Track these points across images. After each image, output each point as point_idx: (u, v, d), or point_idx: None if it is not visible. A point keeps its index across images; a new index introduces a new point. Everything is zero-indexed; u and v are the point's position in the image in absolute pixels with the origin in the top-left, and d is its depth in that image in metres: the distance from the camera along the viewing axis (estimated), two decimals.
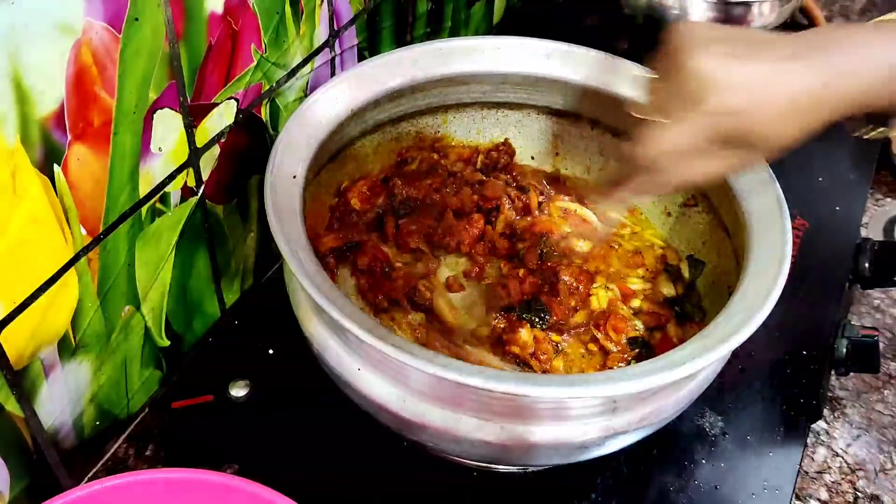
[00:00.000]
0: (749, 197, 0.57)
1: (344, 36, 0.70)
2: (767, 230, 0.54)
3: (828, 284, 0.72)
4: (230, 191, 0.63)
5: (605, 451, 0.52)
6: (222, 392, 0.60)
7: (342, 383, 0.52)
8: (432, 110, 0.71)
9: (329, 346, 0.51)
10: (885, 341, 0.74)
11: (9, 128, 0.41)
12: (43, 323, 0.48)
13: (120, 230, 0.52)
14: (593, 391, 0.45)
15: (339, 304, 0.46)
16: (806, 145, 0.48)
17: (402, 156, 0.72)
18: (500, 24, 1.04)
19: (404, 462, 0.57)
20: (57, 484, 0.56)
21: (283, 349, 0.63)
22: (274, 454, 0.57)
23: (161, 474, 0.45)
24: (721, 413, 0.62)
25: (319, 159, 0.60)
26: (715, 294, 0.62)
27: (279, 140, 0.56)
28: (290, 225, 0.51)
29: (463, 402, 0.48)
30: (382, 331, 0.45)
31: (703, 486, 0.58)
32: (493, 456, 0.53)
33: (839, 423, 0.68)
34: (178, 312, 0.62)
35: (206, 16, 0.53)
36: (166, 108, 0.52)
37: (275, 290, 0.58)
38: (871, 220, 0.84)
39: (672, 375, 0.45)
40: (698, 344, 0.47)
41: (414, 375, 0.48)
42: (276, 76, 0.63)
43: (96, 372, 0.55)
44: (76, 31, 0.43)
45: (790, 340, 0.67)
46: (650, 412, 0.49)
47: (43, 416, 0.52)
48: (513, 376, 0.46)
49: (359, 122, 0.65)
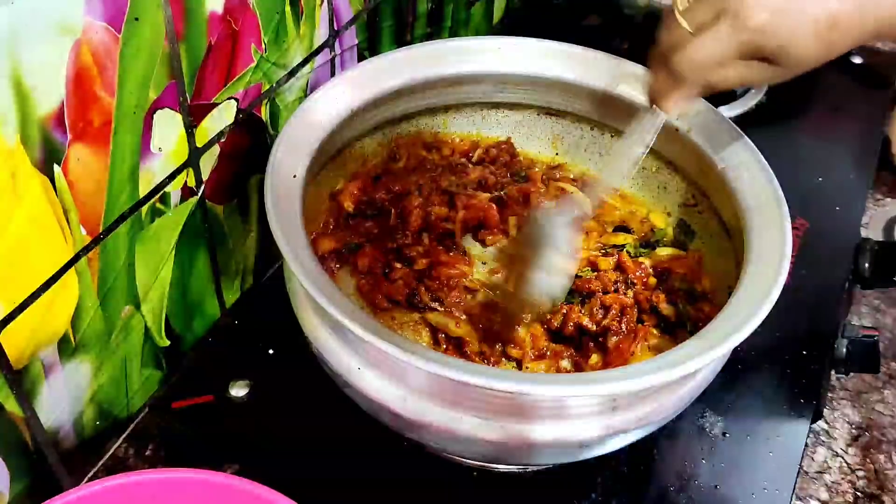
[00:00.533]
0: (749, 196, 0.57)
1: (344, 36, 0.70)
2: (767, 230, 0.54)
3: (828, 284, 0.72)
4: (230, 191, 0.63)
5: (605, 450, 0.52)
6: (222, 392, 0.60)
7: (342, 383, 0.52)
8: (432, 110, 0.71)
9: (329, 345, 0.51)
10: (885, 341, 0.74)
11: (9, 128, 0.41)
12: (43, 323, 0.48)
13: (120, 230, 0.52)
14: (593, 390, 0.45)
15: (340, 304, 0.46)
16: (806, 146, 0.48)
17: (391, 153, 0.72)
18: (499, 24, 1.04)
19: (404, 462, 0.57)
20: (57, 484, 0.56)
21: (283, 349, 0.63)
22: (274, 454, 0.57)
23: (161, 474, 0.45)
24: (721, 413, 0.62)
25: (319, 159, 0.60)
26: (715, 294, 0.62)
27: (279, 140, 0.56)
28: (290, 225, 0.51)
29: (463, 401, 0.48)
30: (382, 329, 0.45)
31: (703, 486, 0.58)
32: (493, 455, 0.53)
33: (839, 423, 0.68)
34: (178, 312, 0.62)
35: (206, 16, 0.53)
36: (166, 108, 0.52)
37: (275, 290, 0.58)
38: (871, 220, 0.84)
39: (672, 374, 0.45)
40: (698, 343, 0.47)
41: (414, 374, 0.48)
42: (276, 76, 0.63)
43: (96, 372, 0.55)
44: (76, 31, 0.43)
45: (790, 340, 0.67)
46: (650, 411, 0.49)
47: (43, 416, 0.52)
48: (513, 375, 0.46)
49: (359, 122, 0.65)
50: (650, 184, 0.70)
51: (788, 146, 0.86)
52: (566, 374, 0.59)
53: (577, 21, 1.03)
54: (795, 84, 0.50)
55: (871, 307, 0.78)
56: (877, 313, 0.77)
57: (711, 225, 0.64)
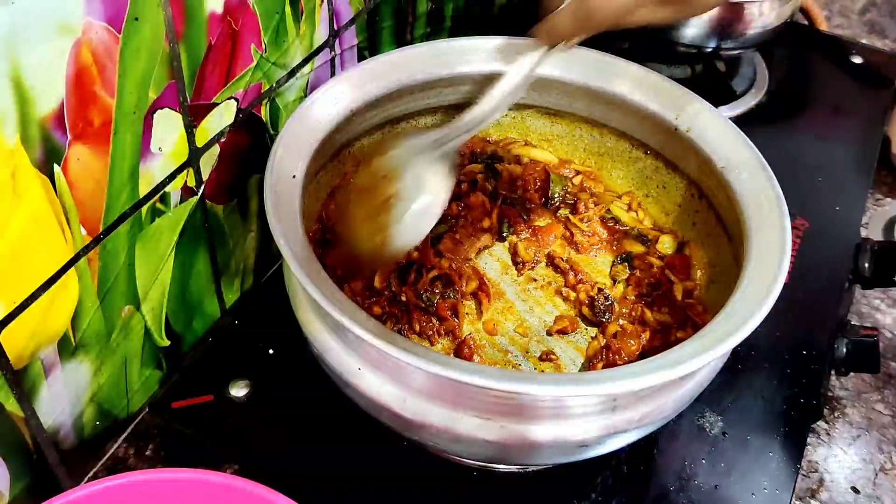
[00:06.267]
0: (749, 196, 0.57)
1: (344, 36, 0.70)
2: (767, 230, 0.54)
3: (828, 284, 0.72)
4: (230, 191, 0.63)
5: (605, 449, 0.52)
6: (222, 392, 0.60)
7: (342, 383, 0.52)
8: (431, 110, 0.71)
9: (329, 345, 0.51)
10: (885, 341, 0.74)
11: (9, 128, 0.41)
12: (43, 323, 0.48)
13: (120, 230, 0.52)
14: (593, 389, 0.45)
15: (340, 303, 0.46)
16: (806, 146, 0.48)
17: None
18: (500, 24, 1.04)
19: (404, 462, 0.57)
20: (57, 484, 0.56)
21: (283, 349, 0.63)
22: (274, 454, 0.57)
23: (161, 474, 0.45)
24: (721, 413, 0.62)
25: (319, 159, 0.60)
26: (715, 293, 0.62)
27: (279, 139, 0.56)
28: (289, 225, 0.51)
29: (463, 401, 0.48)
30: (383, 329, 0.45)
31: (703, 486, 0.58)
32: (493, 455, 0.53)
33: (839, 423, 0.68)
34: (178, 312, 0.62)
35: (206, 16, 0.53)
36: (166, 108, 0.52)
37: (275, 290, 0.58)
38: (871, 220, 0.84)
39: (672, 374, 0.45)
40: (698, 343, 0.47)
41: (414, 375, 0.48)
42: (276, 76, 0.63)
43: (96, 372, 0.55)
44: (76, 31, 0.43)
45: (790, 340, 0.67)
46: (650, 411, 0.49)
47: (43, 416, 0.52)
48: (513, 375, 0.46)
49: (359, 121, 0.65)
50: (650, 183, 0.70)
51: (788, 146, 0.86)
52: (567, 375, 0.59)
53: None
54: (795, 84, 0.50)
55: (871, 307, 0.78)
56: (877, 313, 0.77)
57: (710, 224, 0.64)
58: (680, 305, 0.61)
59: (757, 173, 0.58)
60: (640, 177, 0.71)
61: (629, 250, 0.68)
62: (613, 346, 0.60)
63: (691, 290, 0.62)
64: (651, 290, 0.64)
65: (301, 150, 0.57)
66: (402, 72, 0.65)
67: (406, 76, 0.65)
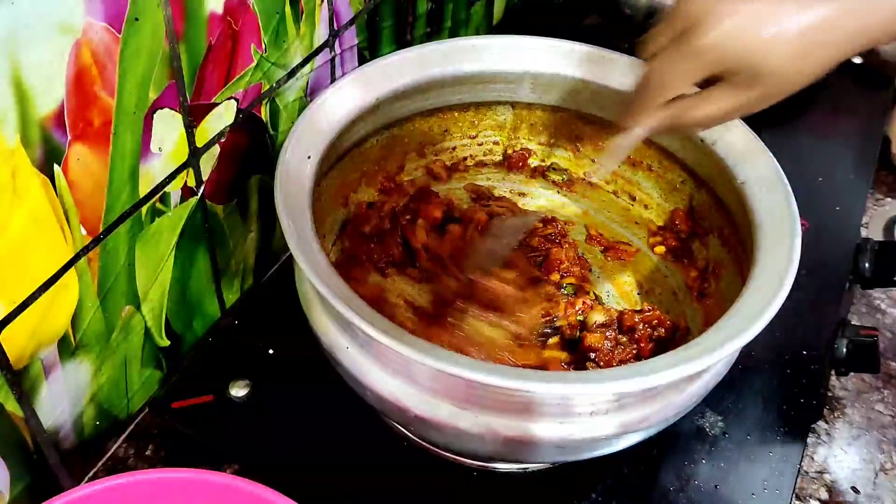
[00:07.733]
0: (759, 196, 0.57)
1: (344, 36, 0.70)
2: (777, 231, 0.54)
3: (828, 284, 0.72)
4: (230, 191, 0.63)
5: (610, 449, 0.52)
6: (222, 392, 0.60)
7: (350, 379, 0.51)
8: (438, 110, 0.71)
9: (339, 343, 0.51)
10: (885, 341, 0.74)
11: (9, 128, 0.41)
12: (43, 323, 0.48)
13: (120, 230, 0.52)
14: (594, 389, 0.45)
15: (355, 306, 0.46)
16: (806, 146, 0.48)
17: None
18: (500, 24, 1.04)
19: (404, 462, 0.57)
20: (57, 484, 0.56)
21: (284, 349, 0.63)
22: (274, 454, 0.57)
23: (161, 474, 0.45)
24: (721, 413, 0.62)
25: (328, 159, 0.60)
26: (721, 295, 0.62)
27: (288, 140, 0.56)
28: (300, 224, 0.51)
29: (470, 398, 0.47)
30: (395, 329, 0.45)
31: (703, 486, 0.58)
32: (498, 453, 0.53)
33: (839, 423, 0.68)
34: (178, 312, 0.62)
35: (206, 16, 0.53)
36: (166, 108, 0.52)
37: (275, 290, 0.58)
38: (871, 220, 0.84)
39: (672, 374, 0.45)
40: (701, 344, 0.47)
41: (423, 372, 0.47)
42: (276, 76, 0.63)
43: (96, 372, 0.55)
44: (76, 31, 0.43)
45: (790, 340, 0.67)
46: (655, 411, 0.49)
47: (43, 416, 0.52)
48: (518, 373, 0.45)
49: (367, 121, 0.64)
50: (663, 187, 0.70)
51: (788, 146, 0.86)
52: (572, 373, 0.59)
53: (578, 21, 1.03)
54: None
55: (871, 307, 0.78)
56: (877, 313, 0.77)
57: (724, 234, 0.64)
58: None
59: (766, 172, 0.57)
60: (655, 184, 0.71)
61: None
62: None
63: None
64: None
65: (310, 151, 0.56)
66: (411, 72, 0.65)
67: (414, 76, 0.65)
